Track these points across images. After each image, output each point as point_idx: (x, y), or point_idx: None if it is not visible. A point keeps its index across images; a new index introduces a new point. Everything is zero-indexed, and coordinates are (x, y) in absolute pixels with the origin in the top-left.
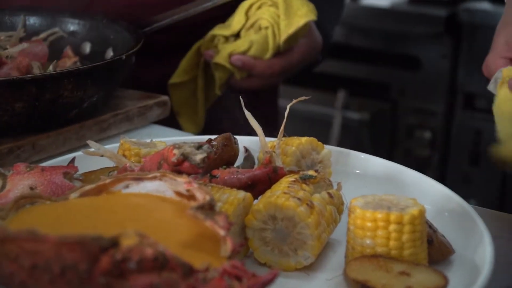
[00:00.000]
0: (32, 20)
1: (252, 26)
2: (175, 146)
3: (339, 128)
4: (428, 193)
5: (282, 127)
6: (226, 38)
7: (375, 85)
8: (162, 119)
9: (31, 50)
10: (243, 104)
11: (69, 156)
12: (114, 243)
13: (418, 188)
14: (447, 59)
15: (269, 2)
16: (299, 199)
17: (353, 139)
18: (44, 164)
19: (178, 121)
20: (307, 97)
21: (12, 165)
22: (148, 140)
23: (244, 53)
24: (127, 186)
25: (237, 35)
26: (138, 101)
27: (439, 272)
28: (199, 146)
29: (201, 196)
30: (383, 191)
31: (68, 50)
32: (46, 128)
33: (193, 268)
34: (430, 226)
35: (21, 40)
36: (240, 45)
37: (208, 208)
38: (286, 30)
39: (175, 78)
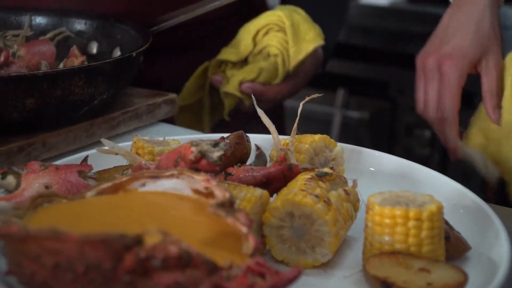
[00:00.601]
0: (38, 20)
1: (260, 52)
2: (193, 143)
3: (338, 127)
4: (442, 191)
5: (295, 125)
6: (234, 64)
7: (374, 84)
8: (170, 118)
9: (38, 50)
10: (255, 102)
11: (82, 154)
12: (138, 241)
13: (433, 186)
14: None
15: (276, 27)
16: (316, 196)
17: (353, 138)
18: (57, 162)
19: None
20: (319, 95)
21: (23, 163)
22: (161, 138)
23: (253, 80)
24: (143, 184)
25: (244, 60)
26: (147, 99)
27: (458, 268)
28: (215, 144)
29: (220, 194)
30: (397, 188)
31: (75, 50)
32: (56, 125)
33: (217, 265)
34: (446, 222)
35: (28, 39)
36: (249, 72)
37: (228, 205)
38: (296, 56)
39: (180, 101)
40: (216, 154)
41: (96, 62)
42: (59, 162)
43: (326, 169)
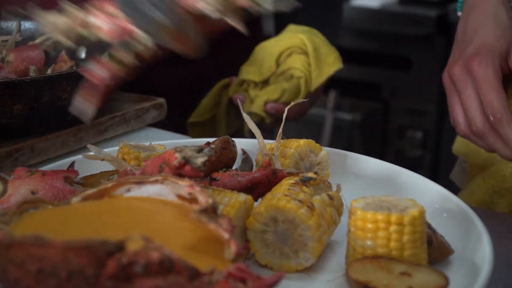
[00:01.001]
0: (28, 25)
1: (283, 73)
2: (176, 149)
3: (330, 129)
4: (426, 194)
5: (280, 129)
6: (255, 83)
7: (366, 86)
8: (158, 122)
9: (27, 55)
10: (241, 107)
11: (69, 160)
12: (120, 247)
13: (416, 189)
14: (438, 59)
15: (299, 50)
16: (299, 201)
17: (345, 140)
18: (44, 168)
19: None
20: (304, 99)
21: (11, 169)
22: (147, 144)
23: (276, 100)
24: (128, 190)
25: (265, 80)
26: (135, 104)
27: (439, 272)
28: (200, 150)
29: (203, 199)
30: (381, 193)
31: (64, 55)
32: (44, 131)
33: (198, 271)
34: (429, 226)
35: (17, 44)
36: (273, 93)
37: (211, 211)
38: (317, 80)
39: (196, 117)
40: (200, 160)
41: (83, 67)
42: (46, 167)
43: (310, 174)
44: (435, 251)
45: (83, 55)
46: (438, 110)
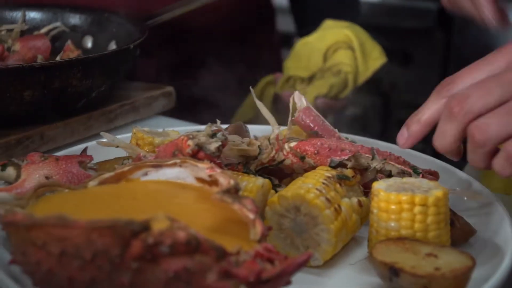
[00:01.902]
0: (33, 15)
1: (329, 68)
2: (189, 136)
3: (331, 123)
4: (446, 179)
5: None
6: (302, 79)
7: (366, 80)
8: (166, 111)
9: (34, 44)
10: (254, 95)
11: (81, 146)
12: (145, 227)
13: None
14: (438, 53)
15: (345, 45)
16: (328, 200)
17: (345, 133)
18: (57, 154)
19: None
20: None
21: (21, 156)
22: (160, 130)
23: (325, 95)
24: (146, 174)
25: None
26: (144, 92)
27: (465, 253)
28: (212, 135)
29: (225, 181)
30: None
31: (70, 44)
32: (54, 118)
33: (225, 251)
34: (450, 209)
35: (22, 34)
36: (321, 88)
37: (234, 192)
38: (364, 74)
39: (240, 117)
40: (213, 145)
41: (94, 54)
42: (58, 153)
43: (348, 172)
44: (458, 232)
45: (89, 45)
46: None
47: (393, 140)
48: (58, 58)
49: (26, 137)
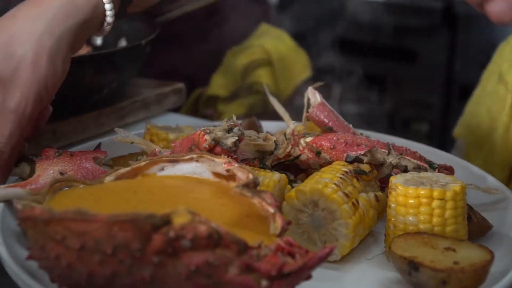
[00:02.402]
0: None
1: (249, 87)
2: (206, 131)
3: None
4: (462, 174)
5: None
6: (223, 98)
7: (371, 78)
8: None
9: None
10: (267, 90)
11: (93, 142)
12: (166, 221)
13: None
14: (443, 51)
15: (264, 61)
16: (346, 195)
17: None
18: (71, 150)
19: None
20: (321, 83)
21: (34, 152)
22: (174, 126)
23: (244, 115)
24: (162, 169)
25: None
26: (154, 89)
27: (484, 247)
28: (229, 129)
29: (243, 176)
30: None
31: None
32: (66, 115)
33: (247, 245)
34: (467, 203)
35: None
36: (239, 108)
37: (253, 187)
38: (285, 92)
39: (210, 92)
40: (230, 140)
41: (106, 50)
42: (72, 149)
43: (365, 167)
44: (475, 226)
45: (99, 41)
46: (444, 102)
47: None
48: None
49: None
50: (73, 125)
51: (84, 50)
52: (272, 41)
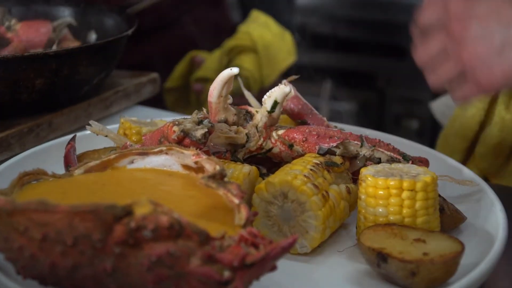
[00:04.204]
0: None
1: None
2: (175, 122)
3: (326, 118)
4: (438, 166)
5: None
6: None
7: (361, 75)
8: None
9: (35, 29)
10: (242, 85)
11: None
12: (128, 211)
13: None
14: None
15: (248, 49)
16: (316, 186)
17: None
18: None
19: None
20: (297, 76)
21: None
22: (148, 120)
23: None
24: (132, 162)
25: None
26: (132, 79)
27: (454, 238)
28: (199, 122)
29: (210, 167)
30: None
31: (68, 34)
32: (59, 106)
33: (209, 235)
34: (439, 195)
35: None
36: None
37: (220, 178)
38: (269, 78)
39: (171, 83)
40: (200, 132)
41: (99, 41)
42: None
43: (336, 159)
44: (448, 218)
45: (93, 37)
46: (434, 98)
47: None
48: (54, 47)
49: (36, 125)
50: (66, 115)
51: (74, 43)
52: (259, 29)
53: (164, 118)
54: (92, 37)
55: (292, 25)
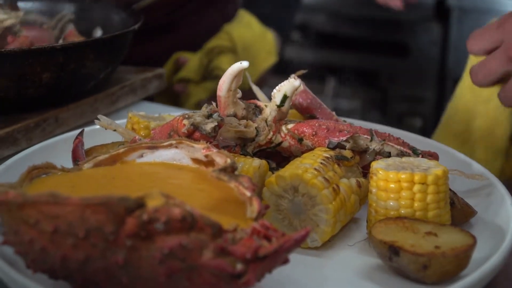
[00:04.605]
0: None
1: (212, 71)
2: (185, 116)
3: None
4: (447, 161)
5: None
6: (193, 81)
7: (364, 73)
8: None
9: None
10: (250, 80)
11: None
12: (140, 204)
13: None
14: (436, 45)
15: (227, 49)
16: (327, 180)
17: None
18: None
19: None
20: (305, 71)
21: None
22: (156, 115)
23: (208, 98)
24: (141, 156)
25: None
26: (138, 74)
27: (466, 231)
28: (209, 115)
29: (221, 160)
30: None
31: (73, 30)
32: (65, 101)
33: (222, 228)
34: (450, 189)
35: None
36: (204, 92)
37: (231, 171)
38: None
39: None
40: (209, 125)
41: (106, 35)
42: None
43: (346, 153)
44: (458, 212)
45: (99, 33)
46: (437, 96)
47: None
48: (60, 42)
49: (43, 120)
50: (73, 110)
51: (79, 39)
52: (240, 29)
53: (172, 113)
54: (98, 33)
55: (291, 22)
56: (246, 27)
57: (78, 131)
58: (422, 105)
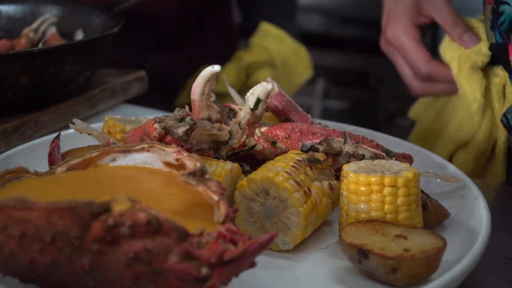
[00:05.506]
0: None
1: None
2: (156, 120)
3: (319, 117)
4: (423, 163)
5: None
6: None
7: (354, 73)
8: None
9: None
10: (226, 82)
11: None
12: (105, 208)
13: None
14: (425, 44)
15: (266, 64)
16: (298, 183)
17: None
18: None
19: None
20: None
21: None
22: (133, 118)
23: None
24: (114, 159)
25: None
26: (119, 77)
27: (436, 234)
28: (181, 119)
29: (191, 164)
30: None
31: (55, 33)
32: (44, 104)
33: (187, 232)
34: (422, 191)
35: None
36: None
37: (200, 175)
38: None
39: (184, 99)
40: (181, 129)
41: (85, 39)
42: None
43: (319, 156)
44: (431, 214)
45: (80, 36)
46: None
47: (382, 133)
48: (40, 46)
49: (22, 123)
50: (52, 113)
51: (60, 42)
52: (274, 43)
53: (149, 116)
54: (79, 35)
55: (294, 26)
56: (279, 40)
57: (55, 134)
58: (412, 105)
